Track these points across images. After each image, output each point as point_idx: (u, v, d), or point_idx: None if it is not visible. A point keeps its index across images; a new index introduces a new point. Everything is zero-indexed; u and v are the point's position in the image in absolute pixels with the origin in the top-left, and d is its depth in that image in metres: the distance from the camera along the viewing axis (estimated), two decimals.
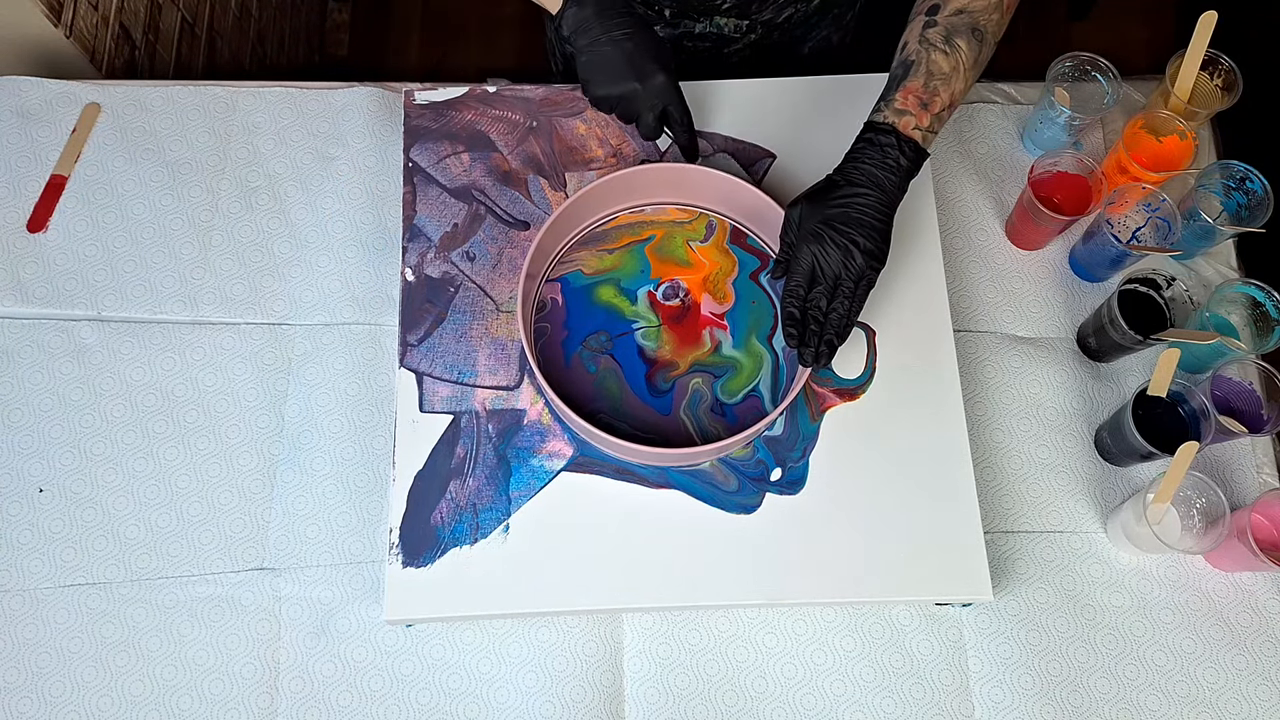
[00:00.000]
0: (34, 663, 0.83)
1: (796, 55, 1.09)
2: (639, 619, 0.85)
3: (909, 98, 0.77)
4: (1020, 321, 0.95)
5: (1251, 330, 0.90)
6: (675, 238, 0.91)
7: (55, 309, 0.94)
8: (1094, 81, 0.97)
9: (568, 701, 0.82)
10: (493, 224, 0.92)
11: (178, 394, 0.92)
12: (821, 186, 0.78)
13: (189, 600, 0.85)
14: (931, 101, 0.78)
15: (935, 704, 0.83)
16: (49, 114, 1.00)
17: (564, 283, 0.89)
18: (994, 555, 0.86)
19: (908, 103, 0.77)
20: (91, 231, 0.96)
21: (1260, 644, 0.85)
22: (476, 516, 0.83)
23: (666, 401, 0.86)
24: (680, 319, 0.88)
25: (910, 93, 0.78)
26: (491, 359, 0.88)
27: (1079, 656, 0.84)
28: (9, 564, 0.86)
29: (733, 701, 0.83)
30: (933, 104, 0.78)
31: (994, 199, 0.99)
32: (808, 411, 0.86)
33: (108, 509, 0.88)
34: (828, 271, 0.76)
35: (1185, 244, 0.95)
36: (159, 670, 0.83)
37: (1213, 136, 1.02)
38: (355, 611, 0.85)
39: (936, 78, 0.78)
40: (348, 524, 0.88)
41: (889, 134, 0.77)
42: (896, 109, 0.77)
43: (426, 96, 0.96)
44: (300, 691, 0.83)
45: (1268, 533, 0.84)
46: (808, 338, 0.77)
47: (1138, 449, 0.84)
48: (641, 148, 0.95)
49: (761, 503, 0.83)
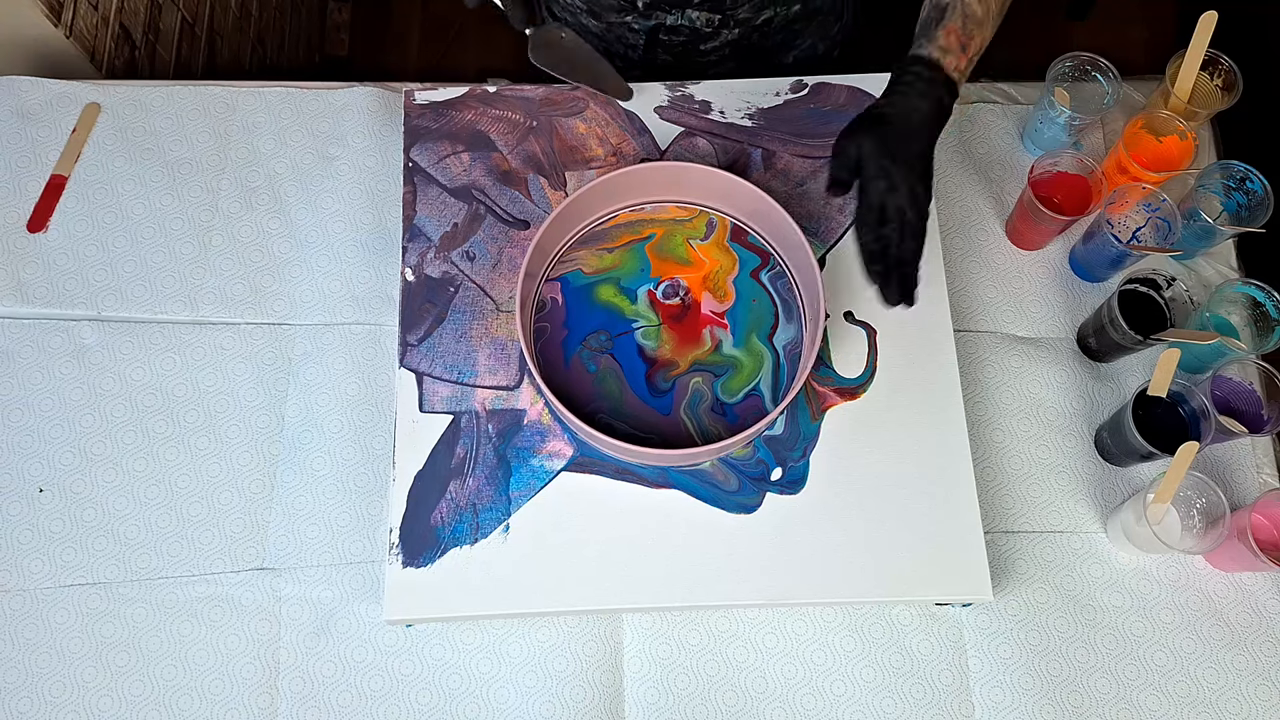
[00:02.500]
0: (34, 663, 0.83)
1: (779, 63, 1.08)
2: (639, 619, 0.85)
3: (951, 37, 0.77)
4: (1020, 321, 0.95)
5: (1251, 330, 0.90)
6: (675, 236, 0.91)
7: (55, 309, 0.94)
8: (1094, 81, 0.97)
9: (568, 702, 0.82)
10: (493, 223, 0.92)
11: (178, 394, 0.92)
12: (874, 118, 0.76)
13: (189, 600, 0.85)
14: (969, 44, 0.77)
15: (935, 704, 0.83)
16: (49, 114, 1.00)
17: (564, 282, 0.89)
18: (994, 555, 0.86)
19: (950, 42, 0.77)
20: (91, 231, 0.96)
21: (1260, 644, 0.85)
22: (476, 516, 0.83)
23: (667, 401, 0.85)
24: (680, 318, 0.88)
25: (952, 33, 0.77)
26: (491, 359, 0.88)
27: (1079, 656, 0.84)
28: (9, 564, 0.86)
29: (732, 702, 0.83)
30: (969, 47, 0.77)
31: (994, 199, 0.99)
32: (808, 411, 0.86)
33: (108, 509, 0.88)
34: (893, 209, 0.74)
35: (1185, 244, 0.95)
36: (159, 670, 0.83)
37: (1213, 136, 1.02)
38: (355, 611, 0.85)
39: (972, 22, 0.77)
40: (348, 524, 0.88)
41: (937, 69, 0.76)
42: (941, 46, 0.77)
43: (426, 96, 0.96)
44: (300, 691, 0.83)
45: (1268, 533, 0.84)
46: (891, 276, 0.75)
47: (1138, 449, 0.84)
48: (642, 147, 0.95)
49: (762, 503, 0.83)
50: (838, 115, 0.96)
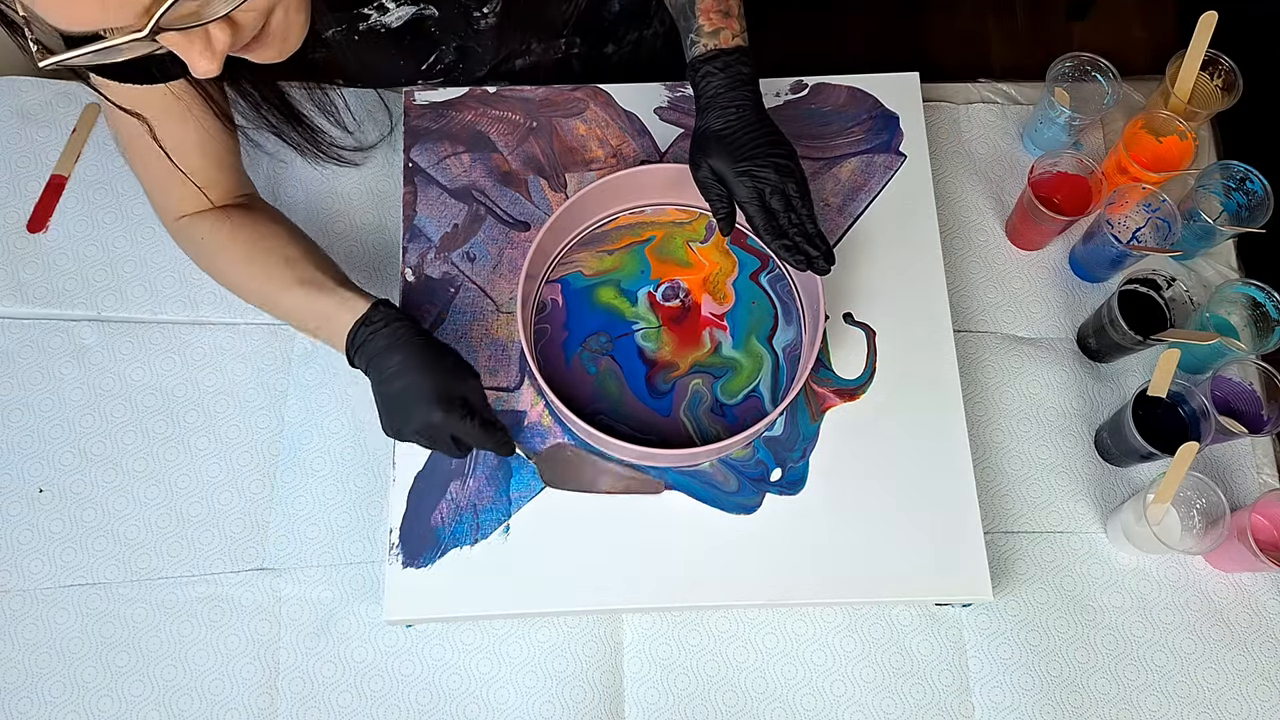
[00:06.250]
0: (34, 663, 0.83)
1: (549, 22, 0.97)
2: (639, 619, 0.85)
3: (711, 16, 0.78)
4: (1020, 322, 0.95)
5: (1251, 330, 0.90)
6: (675, 238, 0.91)
7: (55, 309, 0.94)
8: (1094, 81, 0.97)
9: (568, 702, 0.82)
10: (493, 224, 0.92)
11: (178, 394, 0.92)
12: (707, 137, 0.78)
13: (189, 600, 0.85)
14: (729, 7, 0.78)
15: (935, 704, 0.83)
16: (49, 114, 1.00)
17: (564, 284, 0.89)
18: (994, 556, 0.86)
19: (713, 21, 0.78)
20: (91, 231, 0.96)
21: (1260, 644, 0.85)
22: (477, 517, 0.83)
23: (666, 402, 0.85)
24: (680, 320, 0.88)
25: (707, 12, 0.78)
26: (492, 360, 0.88)
27: (1079, 657, 0.84)
28: (9, 564, 0.86)
29: (732, 702, 0.83)
30: (731, 8, 0.78)
31: (994, 199, 0.99)
32: (808, 412, 0.86)
33: (108, 509, 0.88)
34: (776, 194, 0.77)
35: (1185, 244, 0.95)
36: (159, 670, 0.84)
37: (1213, 136, 1.02)
38: (355, 612, 0.85)
39: None
40: (348, 524, 0.88)
41: (719, 55, 0.77)
42: (708, 32, 0.78)
43: (426, 97, 0.96)
44: (300, 692, 0.83)
45: (1268, 533, 0.84)
46: (801, 249, 0.77)
47: (1138, 449, 0.84)
48: (641, 148, 0.95)
49: (761, 503, 0.83)
50: (838, 116, 0.97)
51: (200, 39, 0.53)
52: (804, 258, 0.77)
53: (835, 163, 0.95)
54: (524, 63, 1.00)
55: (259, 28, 0.56)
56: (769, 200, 0.77)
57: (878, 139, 0.96)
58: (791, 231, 0.77)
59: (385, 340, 0.76)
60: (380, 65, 0.92)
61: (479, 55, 0.94)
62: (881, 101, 0.97)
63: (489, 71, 0.98)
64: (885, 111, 0.97)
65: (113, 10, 0.49)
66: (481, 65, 0.97)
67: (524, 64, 1.00)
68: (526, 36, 0.96)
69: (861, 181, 0.94)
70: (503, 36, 0.92)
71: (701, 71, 0.78)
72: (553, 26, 0.97)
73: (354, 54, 0.86)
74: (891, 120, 0.96)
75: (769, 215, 0.77)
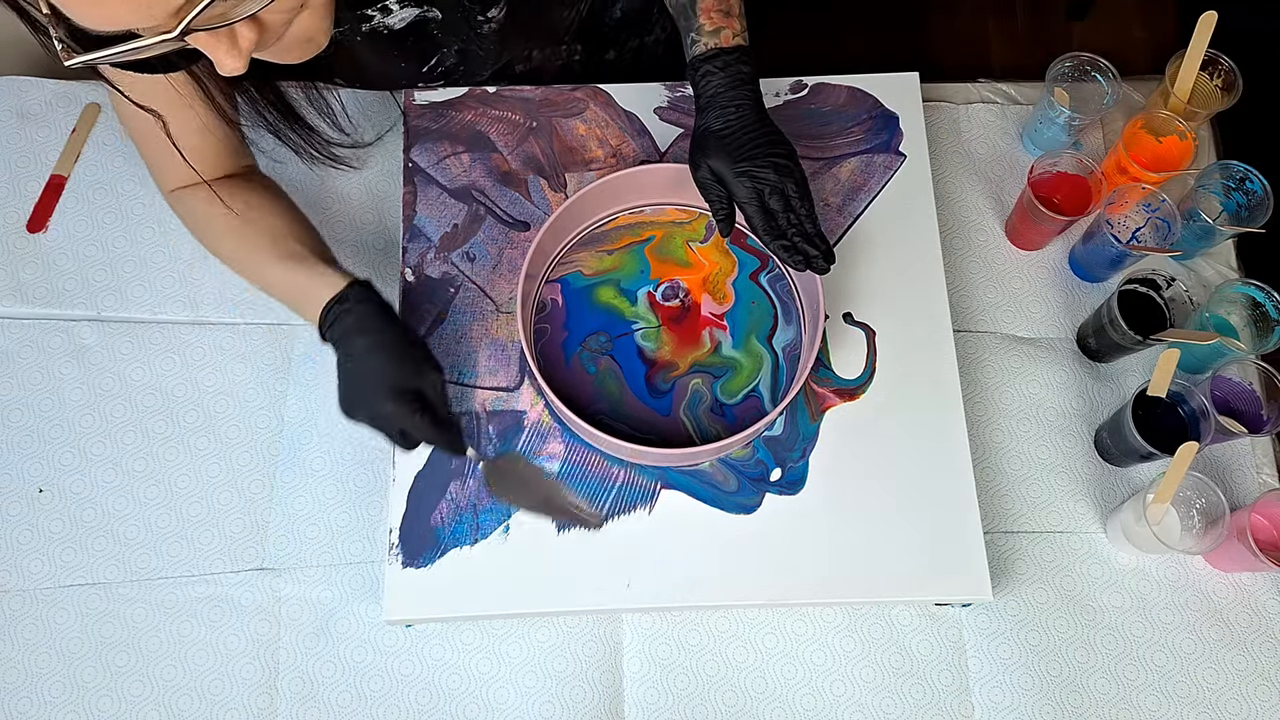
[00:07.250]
0: (34, 663, 0.83)
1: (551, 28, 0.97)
2: (638, 619, 0.85)
3: (712, 15, 0.78)
4: (1020, 321, 0.95)
5: (1251, 330, 0.90)
6: (675, 238, 0.91)
7: (55, 309, 0.94)
8: (1094, 81, 0.97)
9: (567, 702, 0.82)
10: (493, 224, 0.92)
11: (178, 394, 0.92)
12: (707, 137, 0.78)
13: (189, 600, 0.85)
14: (730, 7, 0.78)
15: (935, 704, 0.83)
16: (49, 114, 1.00)
17: (564, 283, 0.89)
18: (994, 556, 0.86)
19: (714, 20, 0.78)
20: (91, 231, 0.96)
21: (1260, 644, 0.85)
22: (477, 517, 0.83)
23: (666, 402, 0.86)
24: (680, 319, 0.88)
25: (708, 11, 0.78)
26: (491, 360, 0.88)
27: (1079, 657, 0.84)
28: (9, 564, 0.86)
29: (732, 702, 0.83)
30: (732, 8, 0.78)
31: (994, 199, 0.99)
32: (807, 412, 0.86)
33: (108, 509, 0.88)
34: (775, 194, 0.77)
35: (1185, 244, 0.95)
36: (159, 670, 0.84)
37: (1213, 136, 1.02)
38: (355, 612, 0.85)
39: None
40: (348, 524, 0.88)
41: (719, 54, 0.77)
42: (709, 31, 0.78)
43: (426, 97, 0.96)
44: (300, 692, 0.83)
45: (1268, 533, 0.84)
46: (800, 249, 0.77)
47: (1138, 449, 0.84)
48: (641, 148, 0.95)
49: (761, 503, 0.83)
50: (838, 116, 0.97)
51: (227, 38, 0.54)
52: (802, 258, 0.77)
53: (835, 163, 0.95)
54: (524, 68, 1.00)
55: (285, 28, 0.58)
56: (768, 200, 0.77)
57: (877, 139, 0.96)
58: (790, 232, 0.77)
59: (354, 321, 0.76)
60: (382, 66, 0.92)
61: (480, 59, 0.94)
62: (881, 101, 0.97)
63: (489, 75, 0.98)
64: (885, 111, 0.97)
65: (146, 11, 0.50)
66: (483, 69, 0.97)
67: (524, 69, 1.01)
68: (528, 42, 0.96)
69: (861, 181, 0.94)
70: (505, 41, 0.92)
71: (701, 70, 0.78)
72: (555, 32, 0.97)
73: (356, 54, 0.87)
74: (891, 120, 0.96)
75: (768, 215, 0.77)
